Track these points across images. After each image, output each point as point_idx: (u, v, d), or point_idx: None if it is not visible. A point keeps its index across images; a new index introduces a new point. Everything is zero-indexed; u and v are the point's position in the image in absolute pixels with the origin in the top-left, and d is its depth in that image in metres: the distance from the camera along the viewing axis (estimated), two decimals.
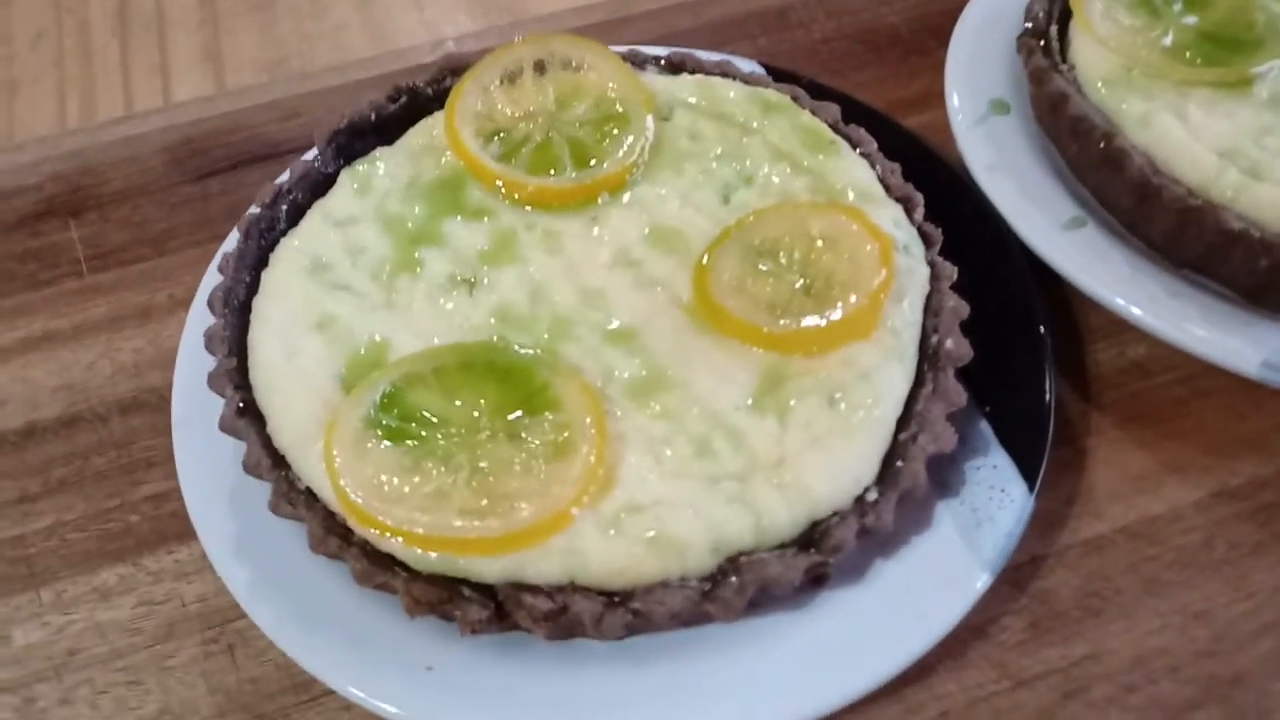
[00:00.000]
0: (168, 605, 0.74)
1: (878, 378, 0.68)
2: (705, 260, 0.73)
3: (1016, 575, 0.73)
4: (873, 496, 0.64)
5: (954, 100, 0.91)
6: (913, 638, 0.64)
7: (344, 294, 0.73)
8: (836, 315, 0.69)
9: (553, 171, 0.79)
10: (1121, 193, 0.81)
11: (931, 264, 0.74)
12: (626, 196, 0.79)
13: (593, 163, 0.79)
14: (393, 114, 0.84)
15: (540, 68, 0.84)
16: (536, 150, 0.80)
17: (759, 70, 0.93)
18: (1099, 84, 0.84)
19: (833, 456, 0.65)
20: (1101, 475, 0.78)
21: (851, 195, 0.77)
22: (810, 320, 0.69)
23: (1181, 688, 0.69)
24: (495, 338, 0.71)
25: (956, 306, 0.72)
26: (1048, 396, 0.74)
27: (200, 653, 0.72)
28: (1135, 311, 0.77)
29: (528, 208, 0.78)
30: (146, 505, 0.79)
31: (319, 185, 0.80)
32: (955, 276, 0.74)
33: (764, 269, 0.72)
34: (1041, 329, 0.77)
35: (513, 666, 0.64)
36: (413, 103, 0.85)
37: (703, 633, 0.65)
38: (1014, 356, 0.76)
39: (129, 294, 0.91)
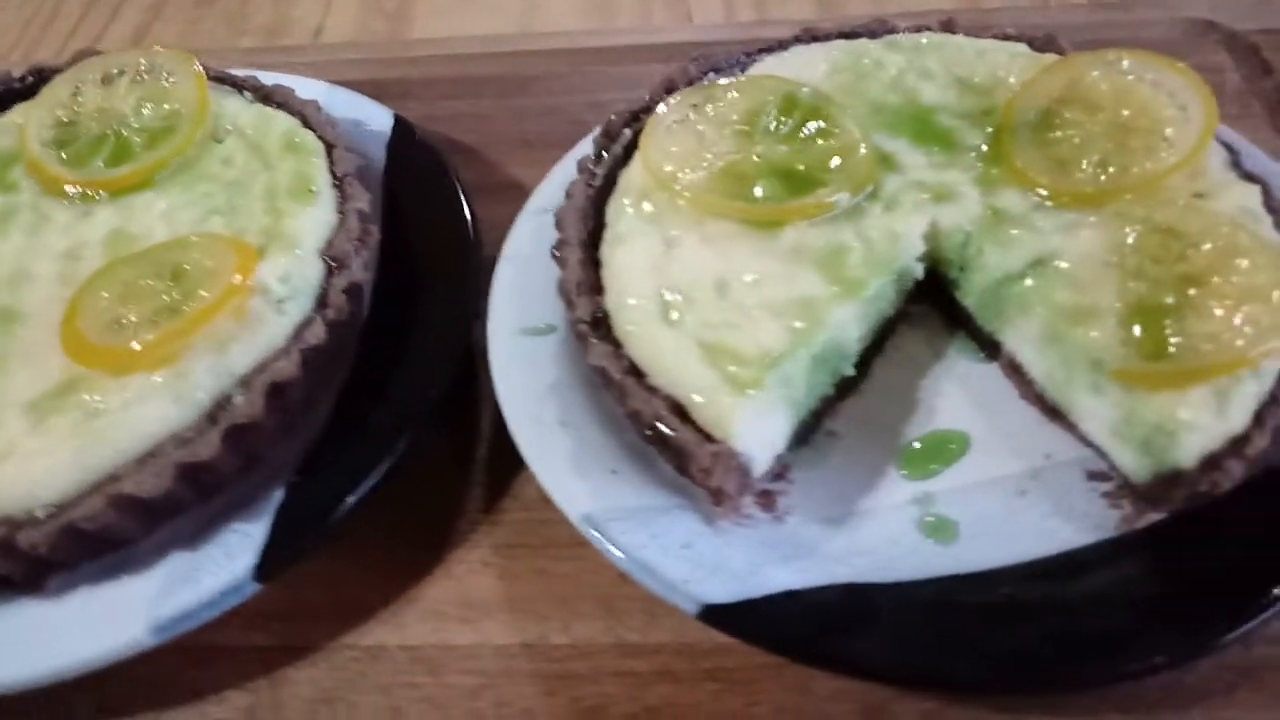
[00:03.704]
0: None
1: (136, 410, 0.67)
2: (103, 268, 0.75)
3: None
4: (43, 515, 0.64)
5: (535, 193, 0.87)
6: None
7: None
8: (140, 340, 0.69)
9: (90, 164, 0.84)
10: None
11: (303, 324, 0.73)
12: (125, 200, 0.82)
13: (99, 163, 0.84)
14: (24, 90, 0.92)
15: (141, 74, 0.90)
16: (91, 143, 0.86)
17: (385, 118, 0.93)
18: (625, 196, 0.78)
19: (31, 464, 0.66)
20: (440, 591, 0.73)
21: (284, 243, 0.76)
22: (118, 340, 0.69)
23: None
24: None
25: (284, 367, 0.70)
26: (354, 494, 0.70)
27: None
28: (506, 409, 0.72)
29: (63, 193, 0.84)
30: None
31: None
32: (318, 341, 0.72)
33: (148, 285, 0.73)
34: (410, 429, 0.73)
35: None
36: (40, 83, 0.92)
37: None
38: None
39: None
